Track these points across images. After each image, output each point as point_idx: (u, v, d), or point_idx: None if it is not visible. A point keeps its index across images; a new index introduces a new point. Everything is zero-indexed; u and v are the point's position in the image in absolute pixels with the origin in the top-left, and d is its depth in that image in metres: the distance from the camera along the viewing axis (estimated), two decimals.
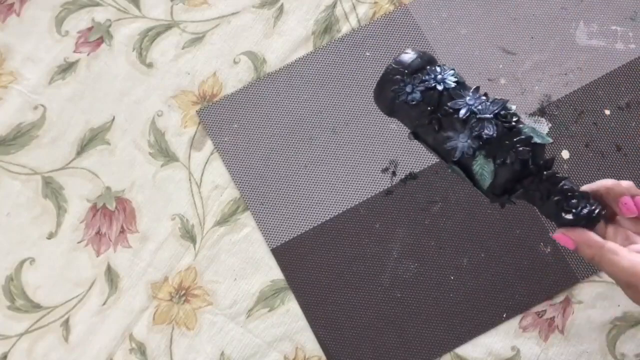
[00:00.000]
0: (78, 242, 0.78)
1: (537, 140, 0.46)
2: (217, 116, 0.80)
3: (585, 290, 0.71)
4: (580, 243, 0.45)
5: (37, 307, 0.76)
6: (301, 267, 0.75)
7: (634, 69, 0.77)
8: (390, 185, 0.76)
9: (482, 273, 0.72)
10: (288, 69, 0.81)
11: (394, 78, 0.50)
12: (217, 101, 0.80)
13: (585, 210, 0.46)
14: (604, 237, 0.47)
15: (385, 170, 0.76)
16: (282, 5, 0.83)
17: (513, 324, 0.71)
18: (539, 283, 0.72)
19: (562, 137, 0.76)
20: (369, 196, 0.76)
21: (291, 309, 0.74)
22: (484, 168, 0.46)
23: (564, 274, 0.71)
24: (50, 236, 0.78)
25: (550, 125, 0.76)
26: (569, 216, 0.46)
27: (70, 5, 0.85)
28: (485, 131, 0.46)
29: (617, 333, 0.70)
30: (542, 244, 0.72)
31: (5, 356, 0.75)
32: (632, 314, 0.70)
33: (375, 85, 0.51)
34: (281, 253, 0.75)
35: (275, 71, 0.81)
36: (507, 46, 0.79)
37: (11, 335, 0.75)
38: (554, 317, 0.71)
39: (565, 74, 0.77)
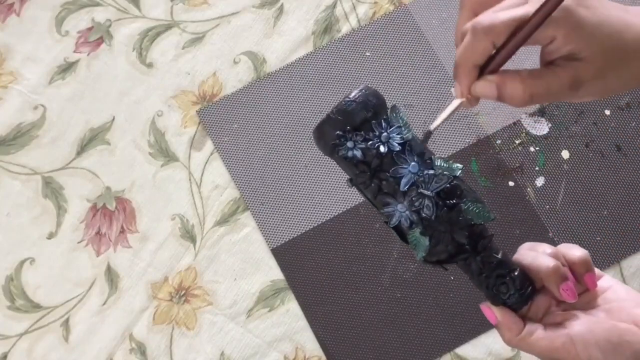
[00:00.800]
0: (78, 242, 0.78)
1: (477, 221, 0.45)
2: (217, 116, 0.80)
3: None
4: (501, 324, 0.45)
5: (37, 307, 0.76)
6: (301, 267, 0.75)
7: None
8: None
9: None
10: (288, 69, 0.81)
11: (334, 132, 0.45)
12: (217, 101, 0.80)
13: (512, 298, 0.45)
14: (526, 313, 0.46)
15: None
16: (282, 5, 0.83)
17: None
18: None
19: (562, 137, 0.76)
20: None
21: (291, 309, 0.74)
22: (418, 241, 0.45)
23: None
24: (50, 236, 0.78)
25: (550, 125, 0.76)
26: (497, 300, 0.46)
27: (70, 5, 0.85)
28: (425, 210, 0.44)
29: None
30: None
31: (5, 356, 0.75)
32: None
33: (316, 126, 0.46)
34: (281, 253, 0.75)
35: (275, 71, 0.81)
36: None
37: (11, 335, 0.75)
38: None
39: None
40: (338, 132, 0.45)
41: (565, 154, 0.75)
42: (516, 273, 0.46)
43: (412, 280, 0.73)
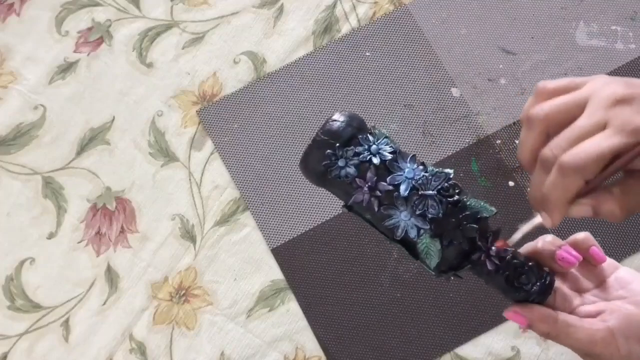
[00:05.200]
0: (78, 242, 0.78)
1: (483, 214, 0.45)
2: (217, 116, 0.80)
3: None
4: (534, 320, 0.44)
5: (37, 307, 0.76)
6: (301, 267, 0.75)
7: (634, 69, 0.77)
8: None
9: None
10: (288, 69, 0.81)
11: (324, 152, 0.45)
12: (217, 101, 0.80)
13: (536, 287, 0.44)
14: (553, 304, 0.45)
15: None
16: (282, 5, 0.83)
17: (513, 324, 0.71)
18: None
19: None
20: None
21: (291, 309, 0.74)
22: (430, 247, 0.44)
23: None
24: (50, 236, 0.78)
25: None
26: (521, 294, 0.45)
27: (70, 5, 0.85)
28: (431, 210, 0.43)
29: None
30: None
31: (5, 356, 0.75)
32: None
33: (302, 156, 0.46)
34: (281, 253, 0.75)
35: (275, 71, 0.81)
36: (507, 46, 0.79)
37: (11, 335, 0.75)
38: None
39: (565, 74, 0.77)
40: (328, 151, 0.45)
41: None
42: (531, 263, 0.45)
43: (412, 280, 0.73)
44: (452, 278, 0.46)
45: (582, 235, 0.47)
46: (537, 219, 0.44)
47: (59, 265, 0.77)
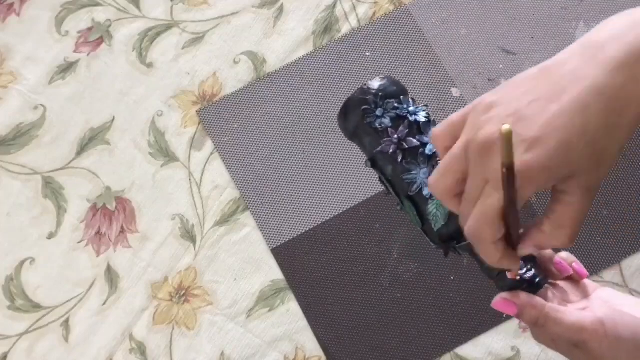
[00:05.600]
0: (78, 242, 0.78)
1: None
2: (217, 116, 0.80)
3: None
4: (523, 306, 0.44)
5: (37, 307, 0.76)
6: (301, 267, 0.75)
7: None
8: None
9: (483, 273, 0.72)
10: (288, 69, 0.81)
11: (365, 98, 0.47)
12: (217, 101, 0.80)
13: (529, 274, 0.45)
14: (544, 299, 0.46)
15: None
16: (282, 5, 0.83)
17: (513, 324, 0.71)
18: None
19: None
20: (369, 196, 0.76)
21: (291, 309, 0.74)
22: (439, 209, 0.45)
23: None
24: (50, 236, 0.78)
25: None
26: (514, 277, 0.45)
27: (70, 5, 0.85)
28: None
29: None
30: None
31: (5, 356, 0.75)
32: None
33: (343, 104, 0.48)
34: (281, 253, 0.75)
35: (275, 71, 0.81)
36: (507, 46, 0.79)
37: (11, 335, 0.75)
38: None
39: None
40: (369, 96, 0.47)
41: None
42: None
43: (412, 280, 0.73)
44: (450, 253, 0.47)
45: (564, 254, 0.48)
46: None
47: (59, 265, 0.77)
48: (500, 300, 0.45)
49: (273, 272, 0.75)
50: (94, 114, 0.81)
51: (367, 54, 0.80)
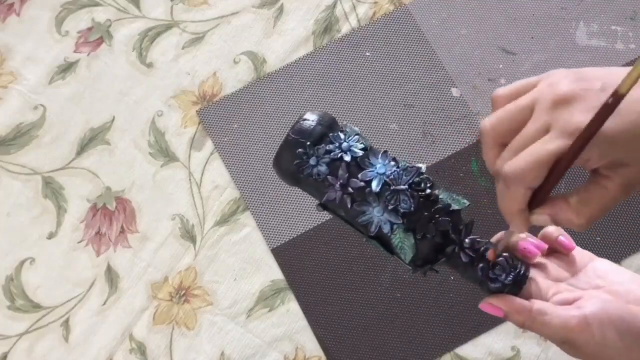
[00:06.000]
0: (78, 242, 0.78)
1: (455, 207, 0.45)
2: (217, 116, 0.80)
3: None
4: (509, 311, 0.44)
5: (37, 307, 0.76)
6: (301, 267, 0.75)
7: None
8: None
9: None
10: (288, 69, 0.81)
11: (295, 151, 0.45)
12: (217, 101, 0.80)
13: (510, 277, 0.45)
14: (529, 294, 0.46)
15: None
16: (282, 5, 0.83)
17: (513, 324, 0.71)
18: None
19: None
20: None
21: (291, 309, 0.74)
22: (404, 242, 0.44)
23: None
24: (50, 236, 0.78)
25: None
26: (496, 284, 0.45)
27: (70, 5, 0.85)
28: (402, 204, 0.44)
29: None
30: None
31: (5, 356, 0.75)
32: None
33: (274, 156, 0.46)
34: (281, 253, 0.75)
35: (275, 71, 0.81)
36: (507, 46, 0.79)
37: (11, 335, 0.75)
38: None
39: None
40: (299, 149, 0.45)
41: None
42: (505, 254, 0.46)
43: (412, 280, 0.73)
44: (428, 272, 0.47)
45: (551, 229, 0.47)
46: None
47: (59, 265, 0.77)
48: (486, 305, 0.45)
49: (273, 272, 0.75)
50: (94, 114, 0.81)
51: (367, 54, 0.80)
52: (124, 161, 0.80)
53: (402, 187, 0.44)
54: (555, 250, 0.48)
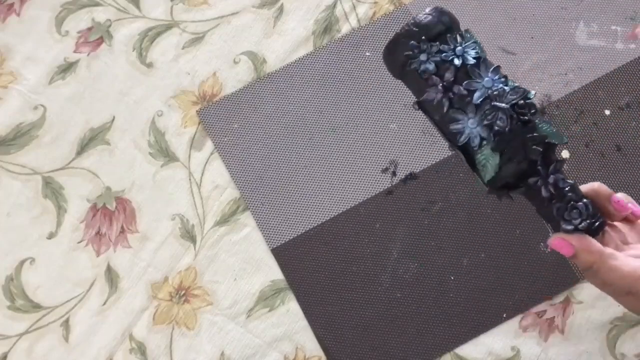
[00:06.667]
0: (78, 242, 0.78)
1: (551, 140, 0.43)
2: (217, 116, 0.80)
3: (585, 291, 0.71)
4: (581, 249, 0.43)
5: (37, 307, 0.76)
6: (301, 267, 0.75)
7: (634, 69, 0.77)
8: (390, 185, 0.76)
9: (482, 273, 0.72)
10: (288, 69, 0.81)
11: (408, 42, 0.44)
12: (217, 101, 0.80)
13: (585, 223, 0.44)
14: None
15: (385, 170, 0.76)
16: (282, 5, 0.83)
17: (513, 324, 0.71)
18: (539, 283, 0.72)
19: None
20: (369, 196, 0.76)
21: (291, 309, 0.74)
22: (488, 160, 0.43)
23: (564, 274, 0.71)
24: (50, 236, 0.78)
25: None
26: (568, 226, 0.44)
27: (70, 5, 0.85)
28: (498, 122, 0.42)
29: (617, 333, 0.70)
30: (542, 244, 0.72)
31: (5, 356, 0.75)
32: (632, 314, 0.70)
33: (386, 44, 0.45)
34: (281, 253, 0.75)
35: (275, 71, 0.81)
36: (507, 46, 0.79)
37: (11, 335, 0.76)
38: (554, 317, 0.71)
39: (565, 74, 0.77)
40: (412, 42, 0.44)
41: (565, 154, 0.75)
42: (586, 200, 0.44)
43: (412, 280, 0.73)
44: (503, 198, 0.45)
45: (621, 195, 0.47)
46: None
47: (59, 265, 0.77)
48: (557, 239, 0.44)
49: (273, 272, 0.75)
50: (94, 114, 0.81)
51: (367, 54, 0.80)
52: (124, 161, 0.80)
53: (503, 105, 0.43)
54: (625, 218, 0.48)
